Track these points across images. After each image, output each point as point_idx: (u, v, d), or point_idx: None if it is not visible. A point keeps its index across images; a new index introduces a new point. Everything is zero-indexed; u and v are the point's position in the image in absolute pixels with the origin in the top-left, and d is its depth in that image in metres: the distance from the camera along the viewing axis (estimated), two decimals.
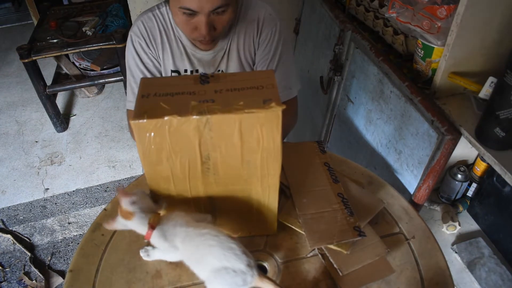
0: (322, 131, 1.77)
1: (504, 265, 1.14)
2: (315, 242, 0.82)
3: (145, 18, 1.05)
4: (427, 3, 1.08)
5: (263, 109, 0.65)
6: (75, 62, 2.52)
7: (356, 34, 1.38)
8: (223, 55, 1.09)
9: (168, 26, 1.05)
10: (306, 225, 0.85)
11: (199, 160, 0.72)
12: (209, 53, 1.07)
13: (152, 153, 0.70)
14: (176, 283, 0.80)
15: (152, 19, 1.04)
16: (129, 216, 0.71)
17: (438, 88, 1.08)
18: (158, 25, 1.05)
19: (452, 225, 1.25)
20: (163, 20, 1.05)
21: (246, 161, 0.73)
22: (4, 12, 3.67)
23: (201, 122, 0.66)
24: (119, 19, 2.37)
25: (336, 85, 1.56)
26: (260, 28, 1.07)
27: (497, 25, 0.99)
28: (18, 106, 2.73)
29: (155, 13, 1.05)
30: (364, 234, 0.81)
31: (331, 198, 0.90)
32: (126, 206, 0.71)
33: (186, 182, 0.76)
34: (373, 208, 0.91)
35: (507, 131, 0.90)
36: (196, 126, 0.67)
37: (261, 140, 0.69)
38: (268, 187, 0.78)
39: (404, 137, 1.20)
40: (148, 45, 1.05)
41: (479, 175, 1.26)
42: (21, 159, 2.35)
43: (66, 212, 2.04)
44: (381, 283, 0.80)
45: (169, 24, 1.05)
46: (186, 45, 1.07)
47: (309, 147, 1.04)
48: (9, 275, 1.78)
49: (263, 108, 0.65)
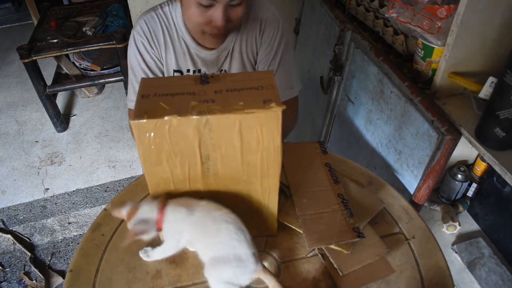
0: (322, 131, 1.77)
1: (504, 265, 1.14)
2: (313, 242, 0.82)
3: (148, 17, 1.04)
4: (427, 3, 1.08)
5: (263, 109, 0.65)
6: (75, 62, 2.52)
7: (356, 34, 1.38)
8: (226, 55, 1.09)
9: (171, 25, 1.05)
10: (305, 225, 0.85)
11: (199, 161, 0.72)
12: (213, 52, 1.07)
13: (152, 153, 0.70)
14: (176, 283, 0.81)
15: (155, 18, 1.04)
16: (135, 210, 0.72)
17: (438, 88, 1.08)
18: (161, 25, 1.04)
19: (452, 225, 1.25)
20: (166, 20, 1.04)
21: (246, 161, 0.73)
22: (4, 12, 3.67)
23: (201, 122, 0.66)
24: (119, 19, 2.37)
25: (336, 85, 1.56)
26: (263, 28, 1.07)
27: (497, 25, 0.99)
28: (18, 106, 2.73)
29: (158, 13, 1.05)
30: (363, 236, 0.81)
31: (331, 199, 0.90)
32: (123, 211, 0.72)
33: (186, 183, 0.76)
34: (373, 208, 0.91)
35: (507, 131, 0.90)
36: (196, 126, 0.66)
37: (261, 141, 0.69)
38: (268, 188, 0.78)
39: (404, 137, 1.20)
40: (151, 45, 1.05)
41: (479, 175, 1.26)
42: (21, 159, 2.35)
43: (66, 212, 2.04)
44: (381, 283, 0.80)
45: (172, 23, 1.05)
46: (190, 44, 1.06)
47: (311, 148, 1.04)
48: (9, 275, 1.78)
49: (263, 108, 0.65)
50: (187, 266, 0.82)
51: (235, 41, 1.07)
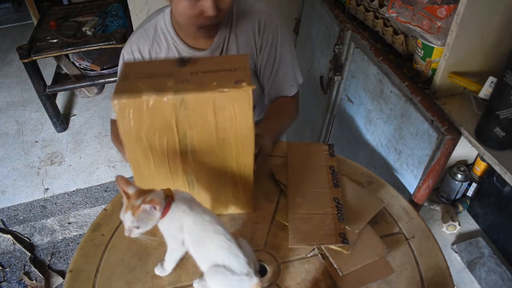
0: (322, 131, 1.77)
1: (504, 265, 1.14)
2: (295, 241, 0.83)
3: (136, 35, 1.10)
4: (427, 3, 1.08)
5: (235, 88, 0.70)
6: (75, 62, 2.52)
7: (356, 34, 1.38)
8: (220, 54, 1.10)
9: (160, 36, 1.08)
10: (292, 223, 0.86)
11: (176, 138, 0.76)
12: (205, 53, 1.09)
13: (132, 131, 0.73)
14: (176, 283, 0.81)
15: (143, 34, 1.09)
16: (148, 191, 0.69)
17: (438, 88, 1.08)
18: (149, 39, 1.08)
19: (452, 225, 1.25)
20: (154, 32, 1.08)
21: (221, 139, 0.77)
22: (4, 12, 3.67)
23: (176, 101, 0.70)
24: (119, 19, 2.37)
25: (336, 85, 1.56)
26: (262, 30, 1.09)
27: (497, 25, 0.99)
28: (18, 106, 2.73)
29: (145, 28, 1.09)
30: (347, 242, 0.81)
31: (326, 202, 0.90)
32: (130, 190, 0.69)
33: (165, 159, 0.79)
34: (373, 208, 0.91)
35: (507, 131, 0.90)
36: (173, 105, 0.70)
37: (234, 119, 0.73)
38: (244, 166, 0.82)
39: (404, 137, 1.20)
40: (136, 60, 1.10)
41: (479, 175, 1.26)
42: (21, 159, 2.35)
43: (66, 212, 2.04)
44: (381, 283, 0.80)
45: (161, 33, 1.08)
46: (181, 49, 1.08)
47: (319, 149, 1.05)
48: (9, 275, 1.78)
49: (235, 87, 0.70)
50: (187, 266, 0.82)
51: (230, 40, 1.09)
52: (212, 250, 0.70)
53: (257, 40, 1.09)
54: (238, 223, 0.92)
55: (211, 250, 0.70)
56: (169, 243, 0.76)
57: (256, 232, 0.89)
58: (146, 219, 0.68)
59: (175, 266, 0.82)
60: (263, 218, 0.92)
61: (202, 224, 0.71)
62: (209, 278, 0.70)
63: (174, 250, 0.77)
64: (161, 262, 0.81)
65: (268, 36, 1.09)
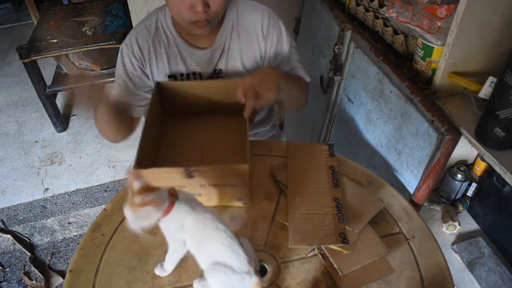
0: (322, 131, 1.77)
1: (504, 265, 1.14)
2: (295, 241, 0.83)
3: (137, 30, 1.09)
4: (427, 3, 1.08)
5: None
6: (75, 62, 2.51)
7: (356, 34, 1.38)
8: (221, 54, 1.10)
9: (160, 33, 1.08)
10: (292, 223, 0.86)
11: None
12: (206, 52, 1.09)
13: None
14: (176, 283, 0.81)
15: (144, 31, 1.08)
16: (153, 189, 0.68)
17: (438, 88, 1.08)
18: (150, 35, 1.08)
19: (452, 225, 1.25)
20: (155, 29, 1.08)
21: None
22: (4, 12, 3.66)
23: None
24: (119, 19, 2.37)
25: (336, 85, 1.56)
26: (265, 32, 1.10)
27: (497, 25, 0.99)
28: (18, 106, 2.73)
29: (147, 24, 1.09)
30: (347, 242, 0.81)
31: (326, 202, 0.90)
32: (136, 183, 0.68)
33: None
34: (373, 208, 0.91)
35: (507, 131, 0.90)
36: None
37: None
38: None
39: (404, 137, 1.20)
40: (135, 56, 1.09)
41: (479, 175, 1.26)
42: (21, 159, 2.35)
43: (66, 212, 2.04)
44: (381, 283, 0.80)
45: (162, 30, 1.08)
46: (182, 47, 1.08)
47: (319, 149, 1.05)
48: (9, 275, 1.78)
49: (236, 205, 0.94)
50: (187, 266, 0.82)
51: (231, 41, 1.09)
52: (213, 248, 0.70)
53: (260, 42, 1.11)
54: (238, 223, 0.92)
55: (212, 247, 0.70)
56: (170, 244, 0.76)
57: (256, 232, 0.89)
58: (146, 217, 0.69)
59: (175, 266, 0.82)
60: (263, 218, 0.92)
61: (203, 222, 0.71)
62: (209, 276, 0.70)
63: (175, 251, 0.77)
64: (161, 263, 0.81)
65: (272, 40, 1.11)
